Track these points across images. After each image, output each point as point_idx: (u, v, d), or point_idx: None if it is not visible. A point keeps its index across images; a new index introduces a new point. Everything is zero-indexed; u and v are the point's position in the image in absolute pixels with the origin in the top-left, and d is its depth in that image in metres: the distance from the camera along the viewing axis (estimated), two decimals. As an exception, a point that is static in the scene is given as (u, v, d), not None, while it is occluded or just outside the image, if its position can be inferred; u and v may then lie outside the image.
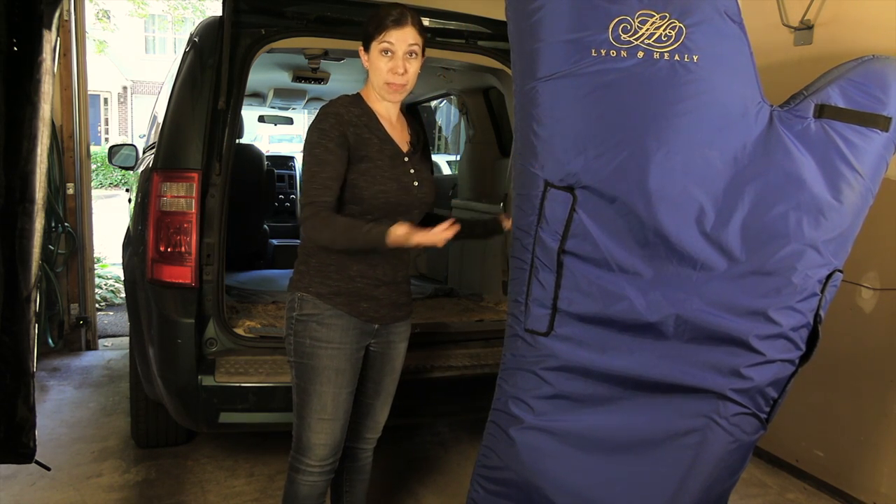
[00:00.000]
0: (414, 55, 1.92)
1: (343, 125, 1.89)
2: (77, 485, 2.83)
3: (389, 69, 1.90)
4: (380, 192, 1.90)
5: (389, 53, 1.89)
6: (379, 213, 1.92)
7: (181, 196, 2.46)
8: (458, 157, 4.45)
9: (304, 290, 1.95)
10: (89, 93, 4.62)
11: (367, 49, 1.93)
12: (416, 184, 1.99)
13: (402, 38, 1.89)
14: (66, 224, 4.44)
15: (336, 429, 1.96)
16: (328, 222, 1.82)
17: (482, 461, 2.04)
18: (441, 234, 1.79)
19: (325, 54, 3.19)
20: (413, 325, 2.19)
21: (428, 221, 2.10)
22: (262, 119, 6.21)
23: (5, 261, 1.73)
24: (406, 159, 1.99)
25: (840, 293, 1.96)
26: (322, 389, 1.91)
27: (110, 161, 4.12)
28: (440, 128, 10.26)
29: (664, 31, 1.81)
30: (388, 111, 2.00)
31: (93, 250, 4.84)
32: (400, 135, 2.02)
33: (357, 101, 1.97)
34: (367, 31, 1.92)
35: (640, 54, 1.82)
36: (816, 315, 1.90)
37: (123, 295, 3.77)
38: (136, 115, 23.87)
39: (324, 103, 2.00)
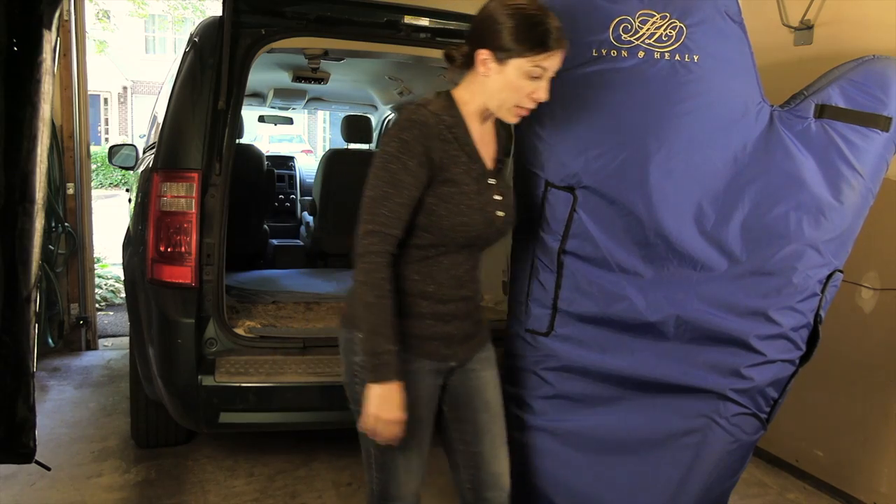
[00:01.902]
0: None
1: (430, 139, 1.54)
2: (77, 485, 2.83)
3: (531, 94, 1.57)
4: (461, 223, 1.58)
5: (538, 77, 1.57)
6: (454, 246, 1.61)
7: (181, 196, 2.46)
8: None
9: None
10: (89, 93, 4.61)
11: (500, 59, 1.55)
12: (500, 214, 1.65)
13: (558, 62, 1.58)
14: (66, 224, 4.43)
15: (423, 470, 1.74)
16: (377, 285, 1.51)
17: (482, 461, 2.04)
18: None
19: (325, 54, 3.19)
20: None
21: None
22: (262, 119, 6.21)
23: (5, 261, 1.73)
24: (491, 181, 1.65)
25: (840, 293, 1.96)
26: (405, 443, 1.63)
27: (110, 161, 4.12)
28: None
29: (665, 30, 1.82)
30: (483, 122, 1.67)
31: (93, 250, 4.83)
32: (487, 149, 1.67)
33: (449, 106, 1.62)
34: (509, 40, 1.53)
35: (641, 54, 1.82)
36: (817, 315, 1.90)
37: (123, 295, 3.77)
38: (136, 115, 23.88)
39: (410, 105, 1.62)
